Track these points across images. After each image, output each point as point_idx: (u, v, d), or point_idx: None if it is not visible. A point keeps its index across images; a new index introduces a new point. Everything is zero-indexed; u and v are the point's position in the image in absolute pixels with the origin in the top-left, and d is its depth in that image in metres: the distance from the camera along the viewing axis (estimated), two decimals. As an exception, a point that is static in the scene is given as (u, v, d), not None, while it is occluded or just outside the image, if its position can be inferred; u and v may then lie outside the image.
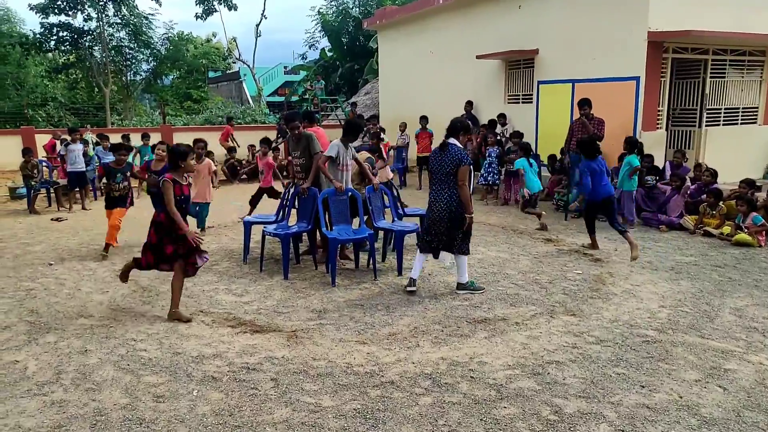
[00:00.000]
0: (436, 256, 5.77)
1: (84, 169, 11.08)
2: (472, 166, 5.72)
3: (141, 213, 10.40)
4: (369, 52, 25.25)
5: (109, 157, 13.65)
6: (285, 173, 14.81)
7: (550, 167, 10.83)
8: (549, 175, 10.78)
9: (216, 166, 14.23)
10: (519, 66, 12.49)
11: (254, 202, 9.46)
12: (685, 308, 5.21)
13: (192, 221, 7.66)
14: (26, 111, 25.13)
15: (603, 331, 4.71)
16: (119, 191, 7.46)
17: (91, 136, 13.80)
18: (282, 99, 32.38)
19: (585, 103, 9.10)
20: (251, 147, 15.29)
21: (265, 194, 9.56)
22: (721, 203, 8.07)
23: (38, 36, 24.66)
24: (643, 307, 5.26)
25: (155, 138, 15.20)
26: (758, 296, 5.52)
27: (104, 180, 7.61)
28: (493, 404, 3.57)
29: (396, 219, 7.30)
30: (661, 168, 9.53)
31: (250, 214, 9.20)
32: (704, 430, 3.27)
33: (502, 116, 11.99)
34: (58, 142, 12.93)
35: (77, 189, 11.10)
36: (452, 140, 5.61)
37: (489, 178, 10.86)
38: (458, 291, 5.72)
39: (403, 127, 13.57)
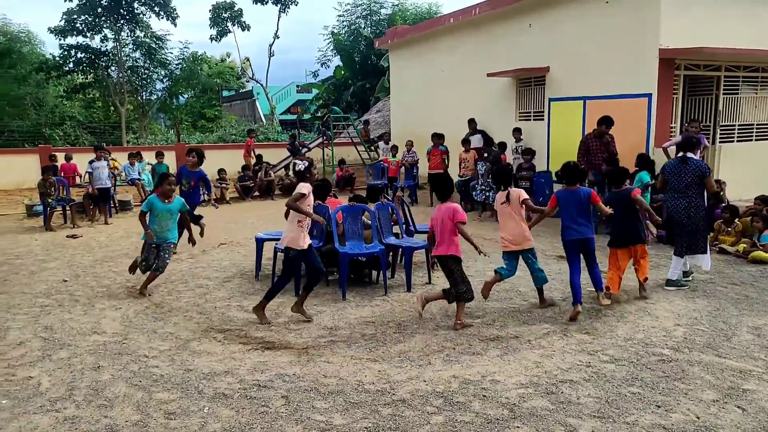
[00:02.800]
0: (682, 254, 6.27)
1: (108, 186, 11.40)
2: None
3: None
4: (380, 70, 25.49)
5: (134, 174, 13.92)
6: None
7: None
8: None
9: (228, 183, 14.46)
10: (530, 84, 12.52)
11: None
12: (701, 326, 5.13)
13: None
14: (44, 130, 25.59)
15: (617, 349, 4.65)
16: None
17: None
18: (294, 117, 32.72)
19: (605, 122, 9.06)
20: (265, 164, 15.45)
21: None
22: (736, 220, 7.97)
23: (57, 59, 25.22)
24: (659, 325, 5.18)
25: (170, 156, 15.42)
26: (776, 315, 5.42)
27: None
28: (506, 424, 3.52)
29: (406, 235, 7.31)
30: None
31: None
32: (723, 452, 3.20)
33: (517, 130, 11.93)
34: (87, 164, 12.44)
35: (99, 204, 11.32)
36: (690, 154, 6.21)
37: (480, 195, 10.85)
38: (667, 287, 6.22)
39: (409, 145, 13.64)
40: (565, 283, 6.52)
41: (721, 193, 8.65)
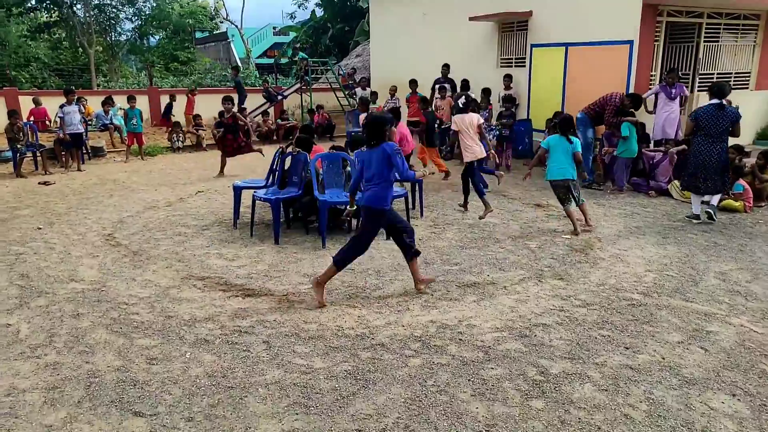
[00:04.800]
0: (704, 194, 6.87)
1: (81, 131, 11.10)
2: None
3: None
4: (360, 12, 24.73)
5: (106, 121, 13.53)
6: (275, 137, 14.73)
7: (547, 131, 10.78)
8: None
9: (205, 129, 14.14)
10: (512, 29, 12.29)
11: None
12: (670, 272, 5.30)
13: None
14: (9, 72, 24.49)
15: (589, 294, 4.80)
16: None
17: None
18: (271, 61, 31.79)
19: (634, 101, 8.51)
20: (242, 110, 15.11)
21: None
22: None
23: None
24: (630, 271, 5.34)
25: (142, 100, 14.96)
26: (742, 260, 5.62)
27: None
28: (481, 365, 3.66)
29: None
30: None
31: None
32: (684, 389, 3.38)
33: (507, 77, 11.65)
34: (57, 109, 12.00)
35: (72, 150, 11.03)
36: (725, 101, 6.75)
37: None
38: (692, 219, 6.94)
39: (393, 90, 13.42)
40: (540, 229, 6.65)
41: None
